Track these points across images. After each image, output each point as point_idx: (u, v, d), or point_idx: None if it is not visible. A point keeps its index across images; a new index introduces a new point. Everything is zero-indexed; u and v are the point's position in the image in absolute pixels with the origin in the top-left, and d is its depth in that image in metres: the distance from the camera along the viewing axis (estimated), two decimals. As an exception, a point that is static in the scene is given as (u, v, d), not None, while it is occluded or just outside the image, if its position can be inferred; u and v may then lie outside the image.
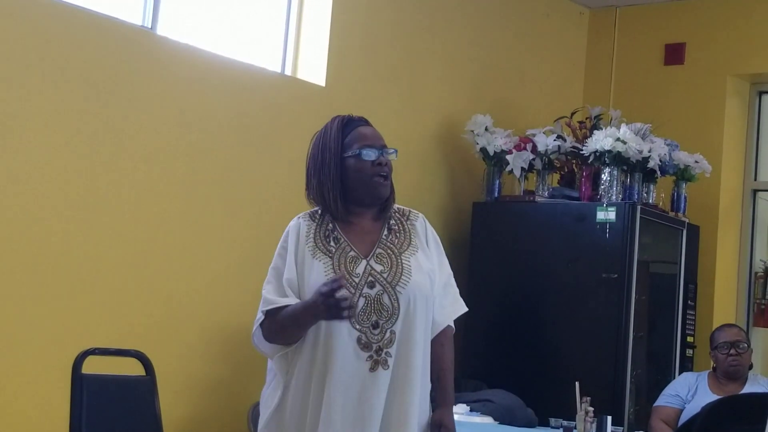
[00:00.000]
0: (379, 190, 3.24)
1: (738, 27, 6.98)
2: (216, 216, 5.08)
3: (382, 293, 3.15)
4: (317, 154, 3.25)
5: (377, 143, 3.26)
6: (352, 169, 3.21)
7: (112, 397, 3.97)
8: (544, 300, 6.01)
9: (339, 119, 3.30)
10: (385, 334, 3.13)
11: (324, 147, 3.25)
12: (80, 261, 4.54)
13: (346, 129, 3.27)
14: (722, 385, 5.61)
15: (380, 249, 3.21)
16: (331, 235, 3.20)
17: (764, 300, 7.04)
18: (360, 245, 3.20)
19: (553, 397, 5.56)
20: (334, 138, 3.24)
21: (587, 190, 6.04)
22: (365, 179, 3.21)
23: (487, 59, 6.73)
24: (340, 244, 3.19)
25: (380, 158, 3.22)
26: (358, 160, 3.20)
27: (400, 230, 3.29)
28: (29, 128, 4.36)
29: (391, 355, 3.13)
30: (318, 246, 3.18)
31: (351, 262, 3.17)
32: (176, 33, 5.05)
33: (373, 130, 3.30)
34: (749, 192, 7.12)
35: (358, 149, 3.21)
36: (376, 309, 3.14)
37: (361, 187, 3.21)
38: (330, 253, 3.17)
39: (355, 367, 3.10)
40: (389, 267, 3.19)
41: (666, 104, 7.03)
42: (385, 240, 3.24)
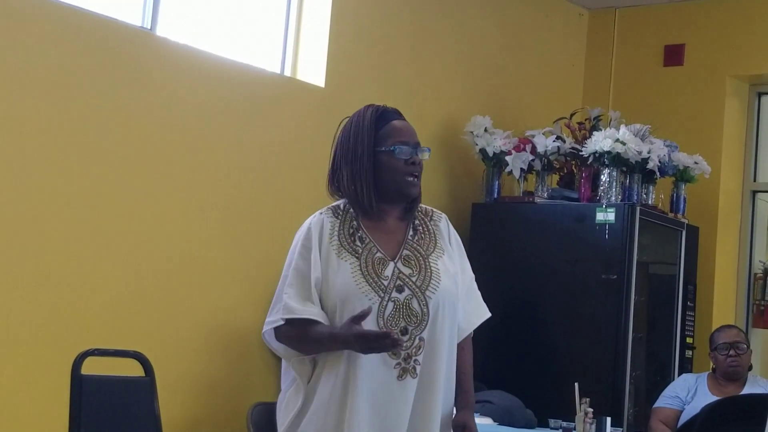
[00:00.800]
0: (410, 190, 3.13)
1: (737, 28, 6.99)
2: (215, 217, 5.07)
3: (411, 298, 3.03)
4: (348, 144, 3.11)
5: (412, 140, 3.14)
6: (385, 165, 3.08)
7: (111, 398, 3.97)
8: (544, 301, 6.01)
9: (373, 109, 3.16)
10: (414, 341, 3.01)
11: (357, 137, 3.10)
12: (80, 261, 4.53)
13: (380, 121, 3.12)
14: (722, 386, 5.62)
15: (407, 251, 3.10)
16: (356, 234, 3.07)
17: (763, 301, 7.04)
18: (386, 246, 3.08)
19: (553, 398, 5.57)
20: (367, 129, 3.10)
21: (586, 191, 6.04)
22: (397, 177, 3.09)
23: (486, 60, 6.73)
24: (366, 243, 3.06)
25: (414, 157, 3.12)
26: (392, 157, 3.08)
27: (425, 231, 3.18)
28: (28, 129, 4.36)
29: (419, 362, 3.01)
30: (343, 245, 3.04)
31: (378, 264, 3.04)
32: (176, 34, 5.05)
33: (408, 125, 3.17)
34: (748, 193, 7.12)
35: (392, 145, 3.09)
36: (405, 314, 3.01)
37: (391, 184, 3.09)
38: (356, 254, 3.03)
39: (383, 375, 2.98)
40: (417, 270, 3.07)
41: (665, 105, 7.03)
42: (411, 241, 3.13)
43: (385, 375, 2.99)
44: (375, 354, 2.94)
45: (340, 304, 3.01)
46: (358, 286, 3.00)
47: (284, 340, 3.04)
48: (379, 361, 2.98)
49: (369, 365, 2.97)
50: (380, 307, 2.99)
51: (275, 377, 5.26)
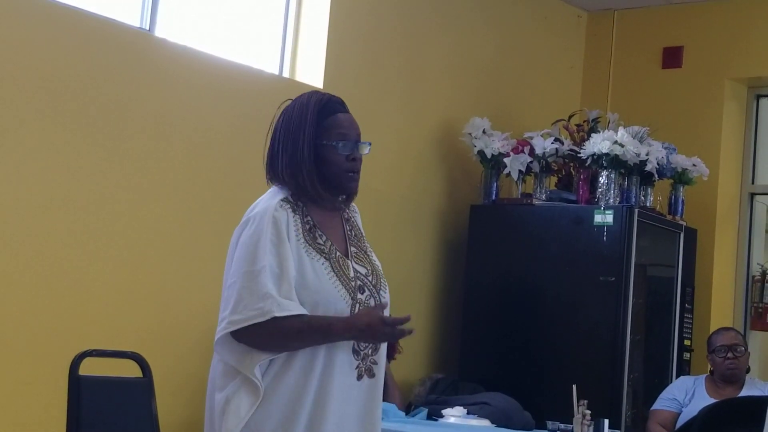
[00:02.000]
0: (351, 185, 3.04)
1: (736, 30, 6.99)
2: (213, 218, 5.07)
3: (370, 298, 2.99)
4: (289, 131, 3.03)
5: (355, 134, 3.04)
6: (325, 158, 2.98)
7: (109, 399, 3.96)
8: (542, 303, 6.01)
9: (317, 97, 3.08)
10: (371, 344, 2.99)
11: (299, 127, 3.02)
12: (78, 262, 4.53)
13: (324, 111, 3.04)
14: (719, 389, 5.62)
15: (353, 247, 3.05)
16: (314, 230, 2.98)
17: (761, 303, 7.04)
18: (337, 242, 3.02)
19: (550, 400, 5.57)
20: (310, 119, 3.01)
21: (585, 193, 6.04)
22: (337, 172, 2.99)
23: (484, 62, 6.73)
24: (325, 241, 2.98)
25: (354, 153, 3.02)
26: (334, 152, 2.99)
27: (352, 224, 3.12)
28: (27, 129, 4.36)
29: (375, 362, 2.99)
30: (309, 243, 2.95)
31: (342, 264, 2.99)
32: (174, 35, 5.05)
33: (351, 119, 3.07)
34: (747, 195, 7.12)
35: (334, 140, 3.00)
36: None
37: (332, 178, 3.00)
38: (323, 253, 2.96)
39: (346, 376, 2.93)
40: (370, 270, 3.04)
41: (664, 107, 7.03)
42: (350, 236, 3.08)
43: (348, 375, 2.95)
44: (342, 355, 2.91)
45: (315, 306, 2.91)
46: (336, 288, 2.94)
47: (260, 340, 2.87)
48: (347, 362, 2.93)
49: (339, 365, 2.92)
50: (352, 309, 2.95)
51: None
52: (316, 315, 2.89)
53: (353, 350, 2.95)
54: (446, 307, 6.30)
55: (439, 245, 6.39)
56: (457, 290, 6.32)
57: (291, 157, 3.00)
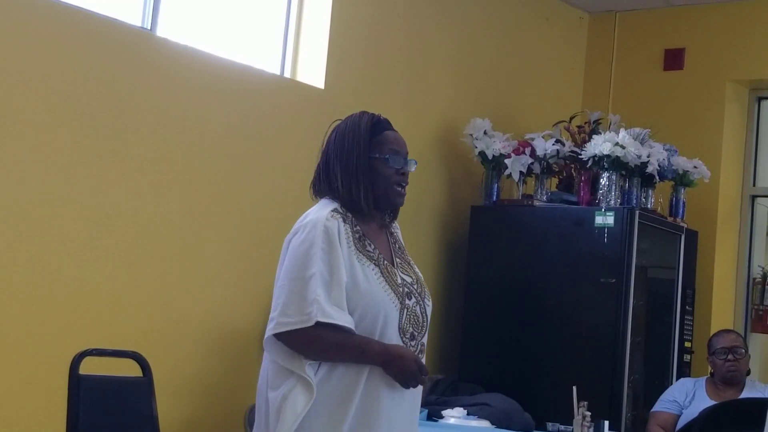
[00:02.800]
0: (398, 199, 3.19)
1: (737, 33, 6.99)
2: (214, 218, 5.07)
3: (416, 305, 3.13)
4: (344, 146, 3.17)
5: (404, 151, 3.21)
6: (377, 171, 3.14)
7: (109, 398, 3.96)
8: (542, 304, 6.00)
9: (368, 116, 3.23)
10: (417, 347, 3.12)
11: (352, 142, 3.16)
12: (78, 262, 4.53)
13: (375, 128, 3.20)
14: (720, 391, 5.61)
15: (398, 258, 3.19)
16: (364, 239, 3.11)
17: (762, 306, 7.05)
18: (384, 252, 3.16)
19: (551, 401, 5.57)
20: (363, 135, 3.17)
21: (586, 195, 6.04)
22: (387, 185, 3.15)
23: (486, 63, 6.73)
24: (374, 249, 3.12)
25: (404, 168, 3.18)
26: (385, 165, 3.14)
27: (395, 239, 3.27)
28: (28, 129, 4.36)
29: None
30: (360, 250, 3.08)
31: (390, 271, 3.12)
32: (176, 34, 5.05)
33: (400, 137, 3.24)
34: (748, 197, 7.13)
35: (387, 154, 3.15)
36: (413, 321, 3.10)
37: (381, 191, 3.15)
38: (373, 260, 3.09)
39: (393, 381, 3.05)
40: (415, 279, 3.18)
41: (665, 109, 7.03)
42: (394, 248, 3.22)
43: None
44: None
45: (371, 311, 3.03)
46: (386, 293, 3.07)
47: (300, 345, 2.98)
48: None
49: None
50: (400, 314, 3.07)
51: (273, 379, 5.26)
52: (358, 334, 2.99)
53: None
54: (446, 307, 6.30)
55: (440, 246, 6.39)
56: (457, 291, 6.32)
57: (346, 170, 3.14)
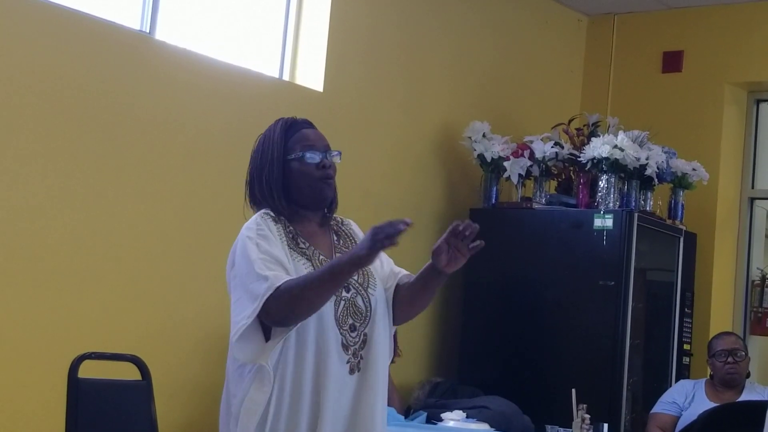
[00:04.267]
0: (325, 192, 3.18)
1: (736, 35, 6.99)
2: (213, 220, 5.07)
3: (356, 296, 3.13)
4: (258, 157, 3.22)
5: (320, 145, 3.20)
6: (296, 171, 3.16)
7: (108, 402, 3.96)
8: (541, 307, 6.00)
9: (282, 121, 3.26)
10: (360, 337, 3.12)
11: (266, 149, 3.21)
12: (77, 265, 4.53)
13: (290, 131, 3.23)
14: (719, 393, 5.61)
15: (339, 254, 3.17)
16: (297, 237, 3.14)
17: (761, 308, 7.04)
18: (323, 249, 3.17)
19: (550, 404, 5.56)
20: (277, 140, 3.20)
21: (584, 197, 6.04)
22: (310, 182, 3.15)
23: (485, 66, 6.73)
24: (308, 246, 3.14)
25: (324, 161, 3.17)
26: (302, 163, 3.15)
27: (344, 235, 3.27)
28: (27, 132, 4.36)
29: (363, 357, 3.12)
30: (291, 247, 3.11)
31: (324, 264, 3.11)
32: (174, 38, 5.05)
33: (316, 132, 3.25)
34: (746, 200, 7.12)
35: (301, 152, 3.17)
36: (353, 312, 3.11)
37: (305, 189, 3.16)
38: (306, 256, 3.11)
39: (338, 370, 3.06)
40: (357, 271, 3.15)
41: (664, 112, 7.03)
42: (338, 245, 3.22)
43: (341, 369, 3.07)
44: (333, 349, 3.04)
45: None
46: None
47: (277, 312, 2.98)
48: (336, 356, 3.06)
49: (331, 360, 3.05)
50: (335, 306, 3.08)
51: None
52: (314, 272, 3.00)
53: (342, 344, 3.07)
54: (445, 310, 6.30)
55: (439, 249, 6.37)
56: (456, 294, 6.32)
57: (263, 178, 3.19)
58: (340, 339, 3.07)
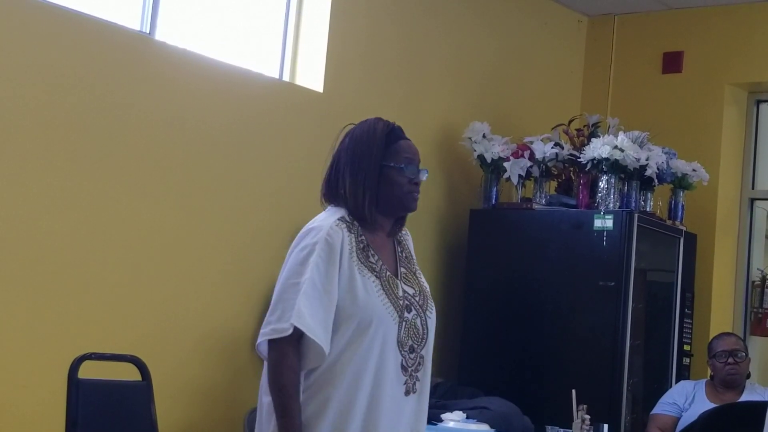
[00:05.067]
0: (411, 205, 3.20)
1: (736, 36, 6.99)
2: (212, 222, 5.07)
3: (416, 317, 3.13)
4: (356, 152, 3.15)
5: (417, 160, 3.22)
6: (389, 180, 3.14)
7: (108, 402, 3.96)
8: (541, 307, 6.00)
9: (384, 123, 3.23)
10: (417, 359, 3.12)
11: (366, 149, 3.15)
12: (77, 266, 4.53)
13: (390, 137, 3.19)
14: (719, 394, 5.61)
15: (402, 268, 3.19)
16: (368, 250, 3.11)
17: (761, 309, 7.04)
18: (388, 263, 3.16)
19: (550, 404, 5.57)
20: (378, 143, 3.16)
21: (584, 198, 6.04)
22: (400, 193, 3.16)
23: (485, 66, 6.73)
24: (377, 260, 3.12)
25: (417, 177, 3.20)
26: (400, 174, 3.15)
27: (403, 247, 3.27)
28: (26, 132, 4.36)
29: (419, 379, 3.13)
30: (362, 261, 3.07)
31: (392, 283, 3.11)
32: (174, 38, 5.05)
33: (414, 146, 3.26)
34: (747, 200, 7.12)
35: (402, 163, 3.16)
36: (412, 334, 3.11)
37: (394, 199, 3.15)
38: (375, 272, 3.09)
39: (395, 392, 3.07)
40: (418, 290, 3.17)
41: (664, 112, 7.03)
42: (401, 257, 3.22)
43: (397, 391, 3.08)
44: (391, 371, 3.04)
45: (369, 324, 3.02)
46: (385, 306, 3.06)
47: (271, 352, 2.98)
48: (395, 378, 3.06)
49: (390, 380, 3.05)
50: (399, 327, 3.08)
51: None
52: (295, 401, 2.96)
53: (402, 366, 3.08)
54: (446, 311, 6.29)
55: (439, 249, 6.39)
56: (456, 294, 6.32)
57: (354, 177, 3.13)
58: (400, 360, 3.07)
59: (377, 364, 3.02)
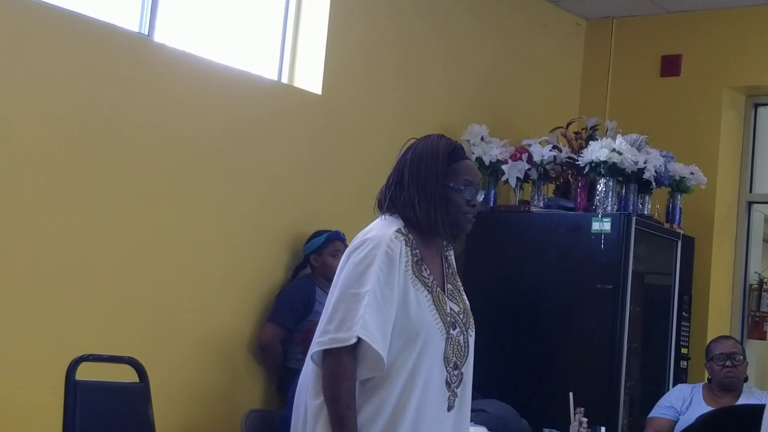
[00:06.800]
0: (466, 227, 3.23)
1: (734, 39, 7.00)
2: (211, 223, 5.07)
3: (460, 335, 3.17)
4: (420, 170, 3.19)
5: (477, 182, 3.25)
6: (449, 200, 3.17)
7: (105, 404, 3.96)
8: (539, 310, 6.00)
9: (446, 141, 3.25)
10: (459, 376, 3.17)
11: (431, 167, 3.19)
12: (75, 267, 4.53)
13: (452, 156, 3.22)
14: (717, 397, 5.61)
15: (449, 284, 3.22)
16: (421, 264, 3.14)
17: (758, 312, 7.04)
18: (438, 278, 3.19)
19: (547, 407, 5.56)
20: (441, 161, 3.19)
21: (582, 201, 6.04)
22: (457, 214, 3.18)
23: (483, 69, 6.74)
24: (429, 275, 3.15)
25: (475, 199, 3.22)
26: (459, 195, 3.18)
27: (448, 263, 3.30)
28: (25, 133, 4.36)
29: (458, 395, 3.16)
30: (416, 275, 3.11)
31: (441, 299, 3.15)
32: (173, 40, 5.05)
33: (474, 167, 3.30)
34: (744, 204, 7.12)
35: (462, 185, 3.18)
36: (456, 350, 3.15)
37: (451, 219, 3.18)
38: (427, 286, 3.12)
39: (440, 406, 3.11)
40: (462, 308, 3.21)
41: (662, 116, 7.03)
42: (447, 273, 3.25)
43: (441, 406, 3.12)
44: (437, 386, 3.08)
45: (420, 337, 3.06)
46: (435, 321, 3.11)
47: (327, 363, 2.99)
48: (440, 392, 3.10)
49: (434, 395, 3.09)
50: (446, 343, 3.12)
51: (270, 385, 5.26)
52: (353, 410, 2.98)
53: (446, 382, 3.12)
54: (443, 313, 6.29)
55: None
56: (454, 297, 6.31)
57: (423, 194, 3.16)
58: (445, 376, 3.11)
59: (425, 377, 3.06)
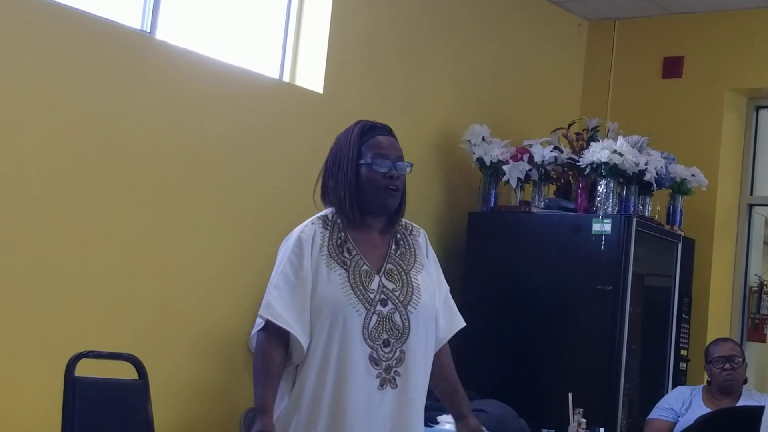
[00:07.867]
0: (388, 202, 3.23)
1: (736, 41, 6.99)
2: (211, 221, 5.07)
3: (394, 312, 3.17)
4: (336, 155, 3.26)
5: (392, 155, 3.24)
6: (364, 177, 3.20)
7: (104, 401, 3.96)
8: (539, 311, 6.00)
9: (361, 124, 3.31)
10: (395, 353, 3.15)
11: (342, 150, 3.24)
12: (74, 264, 4.53)
13: (366, 135, 3.26)
14: (716, 400, 5.61)
15: (390, 264, 3.22)
16: (344, 245, 3.18)
17: (758, 314, 7.04)
18: (371, 258, 3.20)
19: (546, 408, 5.57)
20: (352, 142, 3.24)
21: (583, 202, 6.04)
22: (375, 189, 3.20)
23: (485, 70, 6.73)
24: (353, 255, 3.18)
25: (392, 171, 3.21)
26: (370, 170, 3.20)
27: (405, 245, 3.30)
28: (26, 131, 4.36)
29: (399, 374, 3.15)
30: (332, 255, 3.16)
31: (365, 276, 3.16)
32: (175, 38, 5.05)
33: (390, 140, 3.29)
34: (745, 206, 7.12)
35: (371, 159, 3.21)
36: (388, 327, 3.15)
37: (371, 196, 3.20)
38: (345, 265, 3.15)
39: (366, 383, 3.10)
40: (400, 285, 3.20)
41: (663, 117, 7.03)
42: (393, 255, 3.25)
43: (368, 383, 3.11)
44: (358, 362, 3.09)
45: (328, 315, 3.12)
46: (347, 297, 3.13)
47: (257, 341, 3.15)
48: (363, 369, 3.10)
49: (355, 372, 3.09)
50: (366, 319, 3.12)
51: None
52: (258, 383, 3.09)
53: (371, 358, 3.12)
54: (443, 313, 6.29)
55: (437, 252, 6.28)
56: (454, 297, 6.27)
57: (336, 179, 3.23)
58: (368, 352, 3.11)
59: (338, 354, 3.09)
